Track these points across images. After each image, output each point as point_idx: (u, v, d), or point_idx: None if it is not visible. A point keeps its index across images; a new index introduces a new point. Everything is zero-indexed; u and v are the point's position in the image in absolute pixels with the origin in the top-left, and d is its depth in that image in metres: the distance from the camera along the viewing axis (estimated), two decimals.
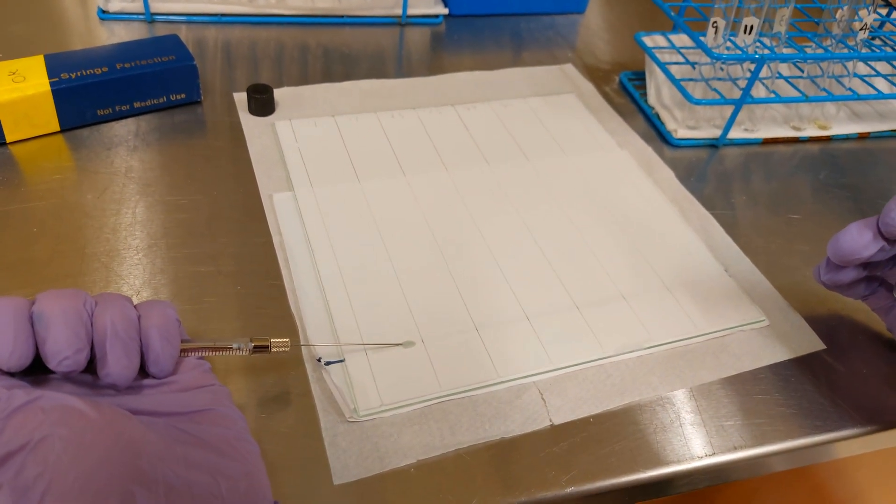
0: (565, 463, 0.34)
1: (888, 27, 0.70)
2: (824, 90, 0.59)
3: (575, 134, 0.57)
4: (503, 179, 0.51)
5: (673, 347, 0.40)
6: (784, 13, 0.55)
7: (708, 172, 0.55)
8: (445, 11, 0.71)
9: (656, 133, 0.59)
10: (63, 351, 0.27)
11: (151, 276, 0.41)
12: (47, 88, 0.47)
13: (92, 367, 0.29)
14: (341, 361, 0.37)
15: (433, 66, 0.63)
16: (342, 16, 0.67)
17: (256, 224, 0.45)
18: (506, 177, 0.51)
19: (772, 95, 0.58)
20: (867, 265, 0.38)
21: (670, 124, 0.58)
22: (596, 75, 0.65)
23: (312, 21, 0.67)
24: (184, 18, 0.64)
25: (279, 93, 0.56)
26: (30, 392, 0.25)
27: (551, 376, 0.38)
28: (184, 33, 0.63)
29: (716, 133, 0.58)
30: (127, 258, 0.42)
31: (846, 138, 0.61)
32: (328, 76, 0.60)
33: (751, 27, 0.54)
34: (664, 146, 0.57)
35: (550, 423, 0.36)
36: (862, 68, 0.64)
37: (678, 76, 0.58)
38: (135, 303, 0.31)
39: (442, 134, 0.55)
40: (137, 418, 0.27)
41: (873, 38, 0.64)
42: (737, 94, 0.57)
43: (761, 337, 0.42)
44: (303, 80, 0.59)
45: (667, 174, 0.54)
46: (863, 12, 0.56)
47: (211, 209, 0.46)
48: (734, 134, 0.58)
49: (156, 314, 0.30)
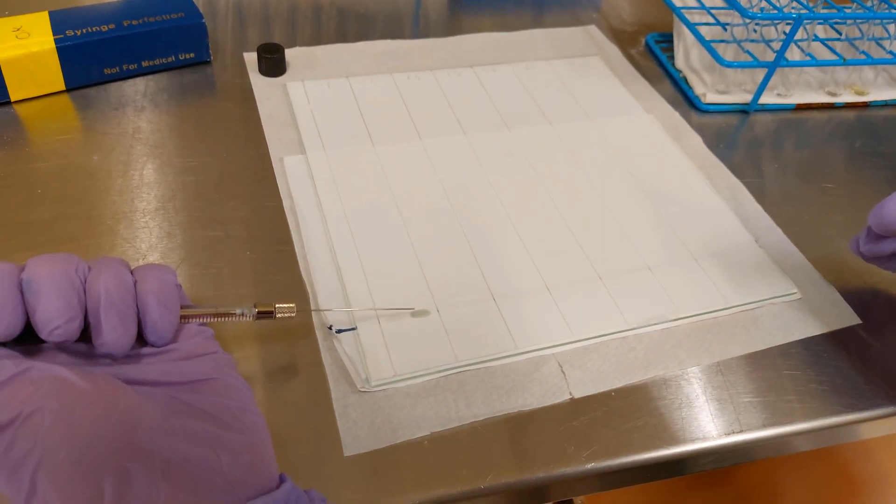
0: (585, 438, 0.33)
1: None
2: (863, 53, 0.56)
3: (599, 98, 0.54)
4: (524, 144, 0.49)
5: (700, 320, 0.39)
6: None
7: (738, 139, 0.53)
8: None
9: (684, 98, 0.56)
10: (54, 320, 0.25)
11: (158, 240, 0.40)
12: (52, 45, 0.46)
13: (87, 336, 0.27)
14: (353, 329, 0.36)
15: (451, 27, 0.61)
16: None
17: (267, 188, 0.44)
18: (526, 141, 0.49)
19: (807, 58, 0.55)
20: None
21: (699, 88, 0.56)
22: (621, 37, 0.62)
23: None
24: None
25: (291, 53, 0.54)
26: (19, 363, 0.24)
27: (572, 348, 0.36)
28: None
29: (746, 98, 0.55)
30: (133, 221, 0.40)
31: (885, 105, 0.58)
32: (342, 36, 0.58)
33: None
34: (692, 111, 0.55)
35: (570, 397, 0.34)
36: None
37: (708, 38, 0.55)
38: (133, 267, 0.29)
39: (460, 97, 0.52)
40: (134, 389, 0.25)
41: None
42: (770, 57, 0.54)
43: (793, 310, 0.40)
44: (316, 41, 0.57)
45: (694, 140, 0.51)
46: None
47: (220, 172, 0.44)
48: (766, 99, 0.56)
49: (153, 279, 0.28)
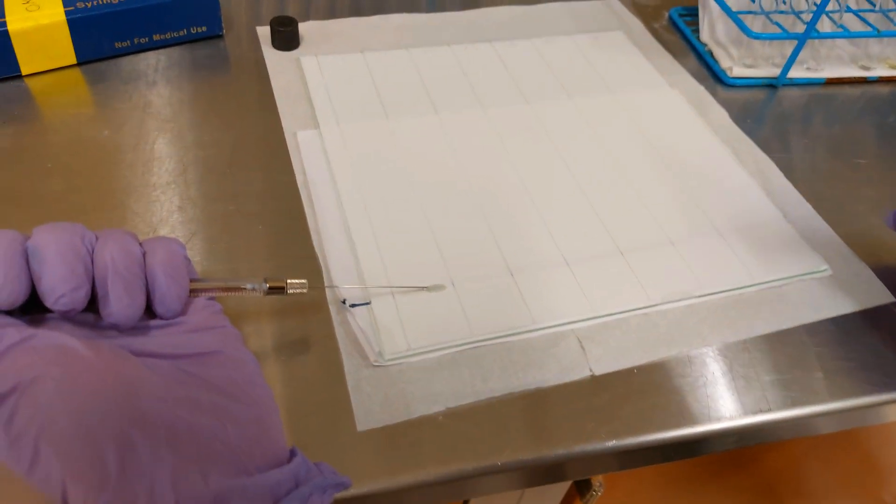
0: (606, 415, 0.32)
1: None
2: None
3: (622, 72, 0.53)
4: (544, 118, 0.48)
5: (726, 296, 0.37)
6: None
7: (765, 114, 0.51)
8: None
9: (709, 72, 0.54)
10: (59, 288, 0.25)
11: (169, 214, 0.39)
12: (62, 18, 0.45)
13: (95, 307, 0.27)
14: (367, 304, 0.35)
15: (468, 1, 0.59)
16: None
17: (280, 162, 0.43)
18: (547, 115, 0.48)
19: (839, 30, 0.53)
20: None
21: (725, 62, 0.54)
22: (644, 11, 0.61)
23: None
24: None
25: (305, 27, 0.53)
26: (22, 331, 0.24)
27: (592, 324, 0.35)
28: None
29: (774, 72, 0.54)
30: (144, 195, 0.40)
31: None
32: (357, 10, 0.56)
33: None
34: (717, 86, 0.53)
35: (591, 374, 0.33)
36: None
37: (735, 9, 0.53)
38: (142, 240, 0.29)
39: (478, 71, 0.51)
40: (140, 360, 0.25)
41: None
42: (800, 29, 0.52)
43: (823, 287, 0.38)
44: (330, 15, 0.56)
45: (720, 115, 0.50)
46: None
47: (232, 147, 0.44)
48: (795, 73, 0.54)
49: (161, 250, 0.28)
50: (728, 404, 0.33)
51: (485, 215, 0.40)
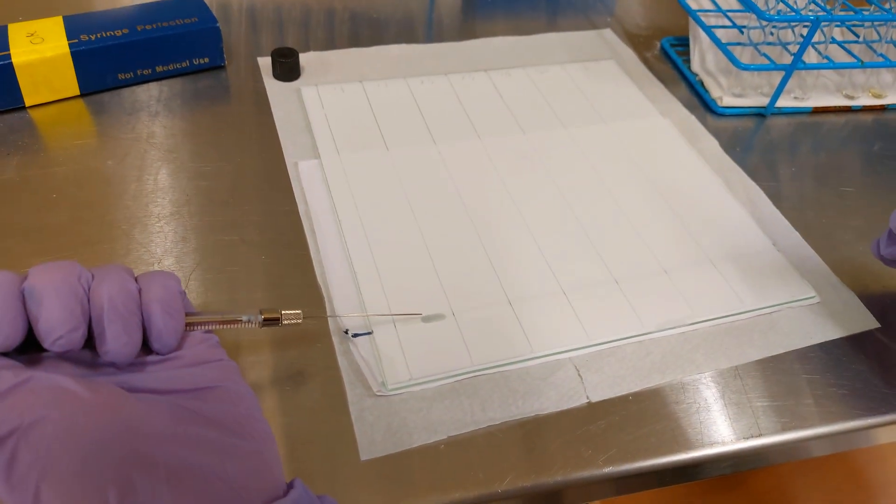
0: (602, 442, 0.32)
1: None
2: (881, 56, 0.55)
3: (614, 102, 0.54)
4: (539, 148, 0.49)
5: (718, 324, 0.38)
6: None
7: (754, 142, 0.52)
8: None
9: (699, 101, 0.56)
10: (57, 330, 0.25)
11: (173, 245, 0.40)
12: (66, 50, 0.46)
13: (92, 343, 0.27)
14: (369, 334, 0.35)
15: (464, 32, 0.61)
16: None
17: (281, 192, 0.44)
18: (542, 145, 0.49)
19: (825, 61, 0.54)
20: None
21: (715, 91, 0.55)
22: (636, 41, 0.62)
23: None
24: None
25: (305, 58, 0.54)
26: (19, 373, 0.24)
27: (588, 352, 0.36)
28: None
29: (763, 101, 0.55)
30: (148, 226, 0.41)
31: None
32: (355, 41, 0.58)
33: None
34: (708, 115, 0.55)
35: (587, 401, 0.34)
36: None
37: (724, 40, 0.55)
38: (137, 275, 0.29)
39: (474, 101, 0.52)
40: (138, 397, 0.25)
41: None
42: (787, 60, 0.53)
43: (812, 314, 0.40)
44: (329, 46, 0.57)
45: (711, 144, 0.51)
46: None
47: (235, 177, 0.44)
48: (783, 102, 0.55)
49: (157, 286, 0.28)
50: (721, 430, 0.34)
51: (483, 245, 0.41)
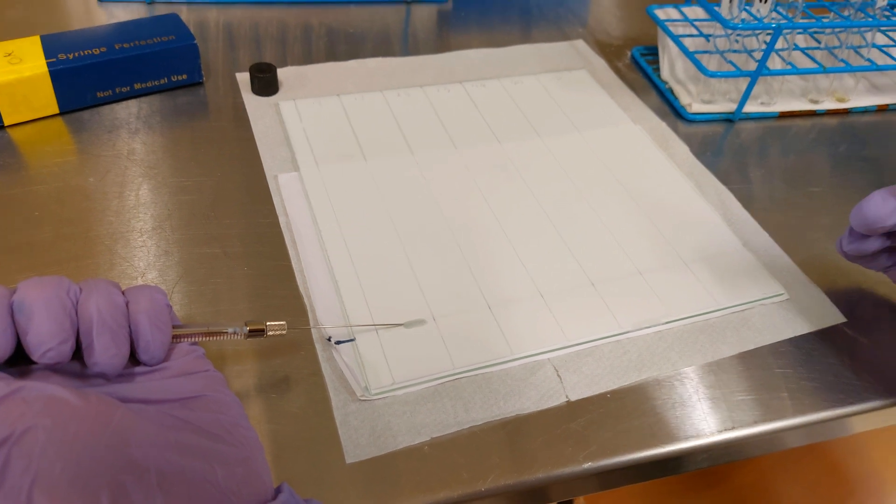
0: (582, 439, 0.33)
1: None
2: (842, 61, 0.57)
3: (587, 110, 0.55)
4: (514, 156, 0.50)
5: (691, 322, 0.39)
6: None
7: (724, 147, 0.54)
8: None
9: (670, 108, 0.57)
10: (46, 343, 0.25)
11: (156, 258, 0.40)
12: (45, 70, 0.46)
13: (80, 355, 0.27)
14: (352, 341, 0.36)
15: (440, 45, 0.62)
16: None
17: (262, 205, 0.44)
18: (517, 154, 0.50)
19: (788, 67, 0.56)
20: (890, 234, 0.37)
21: (684, 99, 0.57)
22: (607, 51, 0.64)
23: (315, 1, 0.66)
24: (184, 0, 0.63)
25: (283, 73, 0.55)
26: (10, 383, 0.24)
27: (567, 353, 0.37)
28: (184, 15, 0.62)
29: (731, 107, 0.57)
30: (131, 240, 0.41)
31: (865, 111, 0.60)
32: (332, 56, 0.59)
33: None
34: (678, 121, 0.56)
35: (567, 400, 0.35)
36: (881, 39, 0.63)
37: (692, 49, 0.57)
38: (125, 288, 0.29)
39: (450, 112, 0.53)
40: (128, 406, 0.26)
41: (893, 8, 0.62)
42: (752, 67, 0.55)
43: (782, 311, 0.41)
44: (307, 60, 0.58)
45: (682, 149, 0.53)
46: None
47: (215, 191, 0.45)
48: (750, 108, 0.57)
49: (144, 300, 0.29)
50: (697, 424, 0.35)
51: (462, 252, 0.42)
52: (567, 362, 0.36)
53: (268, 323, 0.32)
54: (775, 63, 0.58)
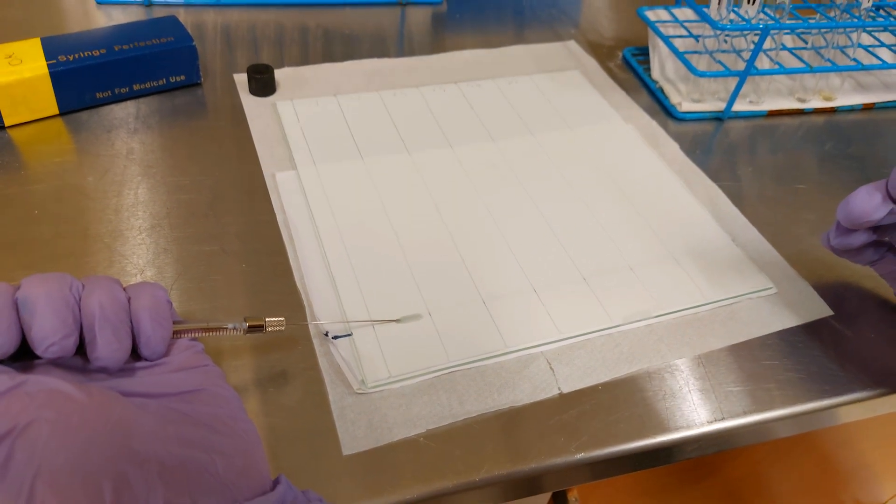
0: (574, 430, 0.34)
1: None
2: (829, 61, 0.58)
3: (579, 109, 0.56)
4: (508, 155, 0.51)
5: (681, 316, 0.40)
6: None
7: (713, 145, 0.55)
8: None
9: (661, 107, 0.58)
10: (49, 337, 0.26)
11: (155, 256, 0.41)
12: (45, 71, 0.47)
13: (82, 350, 0.28)
14: (349, 335, 0.37)
15: (435, 46, 0.63)
16: None
17: (260, 203, 0.45)
18: (511, 152, 0.51)
19: (776, 67, 0.57)
20: (876, 229, 0.38)
21: (674, 98, 0.58)
22: (599, 51, 0.65)
23: (312, 3, 0.67)
24: (182, 2, 0.64)
25: (280, 74, 0.56)
26: (14, 377, 0.25)
27: (559, 346, 0.38)
28: (182, 17, 0.62)
29: (720, 106, 0.58)
30: (130, 238, 0.42)
31: (851, 109, 0.61)
32: (329, 57, 0.59)
33: None
34: (669, 120, 0.57)
35: (559, 392, 0.36)
36: (866, 39, 0.64)
37: (682, 49, 0.57)
38: (126, 285, 0.30)
39: (445, 111, 0.54)
40: (129, 400, 0.26)
41: (878, 9, 0.63)
42: (741, 67, 0.56)
43: (769, 304, 0.42)
44: (304, 61, 0.58)
45: (672, 147, 0.53)
46: None
47: (213, 190, 0.46)
48: (739, 106, 0.58)
49: (146, 296, 0.29)
50: (687, 415, 0.36)
51: (457, 248, 0.43)
52: (560, 355, 0.37)
53: (267, 319, 0.33)
54: (763, 63, 0.59)
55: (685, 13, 0.63)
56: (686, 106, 0.57)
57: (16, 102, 0.47)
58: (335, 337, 0.37)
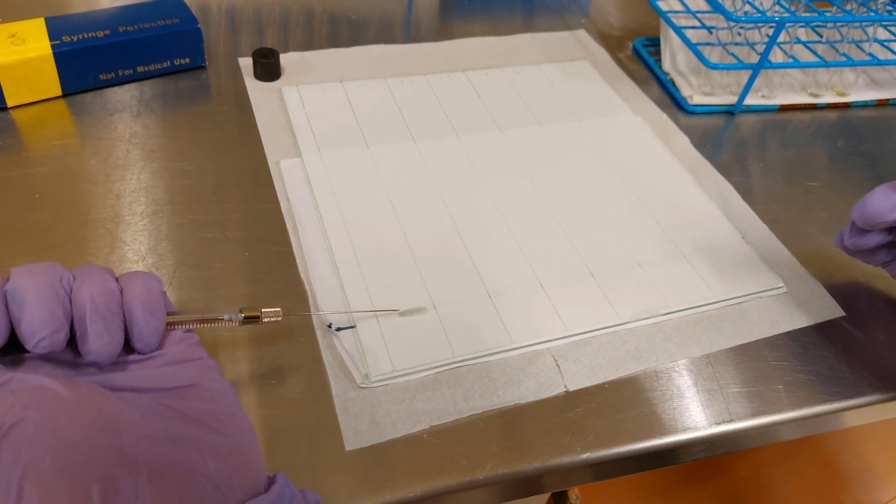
0: (580, 429, 0.34)
1: None
2: (843, 55, 0.57)
3: (588, 101, 0.55)
4: (516, 146, 0.50)
5: (689, 314, 0.40)
6: None
7: (724, 139, 0.54)
8: None
9: (671, 100, 0.57)
10: (39, 332, 0.25)
11: (157, 243, 0.40)
12: (49, 51, 0.46)
13: (74, 343, 0.27)
14: (352, 328, 0.36)
15: (442, 33, 0.62)
16: None
17: (263, 190, 0.44)
18: (518, 143, 0.50)
19: (790, 60, 0.56)
20: (891, 230, 0.37)
21: (685, 90, 0.57)
22: (609, 41, 0.64)
23: None
24: None
25: (285, 58, 0.55)
26: (0, 375, 0.24)
27: (565, 343, 0.37)
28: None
29: (732, 99, 0.57)
30: (132, 224, 0.41)
31: (865, 105, 0.60)
32: (335, 42, 0.58)
33: None
34: (679, 113, 0.56)
35: (565, 389, 0.35)
36: (882, 34, 0.63)
37: (694, 41, 0.56)
38: (119, 275, 0.29)
39: (453, 100, 0.53)
40: (119, 395, 0.25)
41: (894, 3, 0.62)
42: (754, 59, 0.55)
43: (779, 304, 0.41)
44: (309, 46, 0.57)
45: (682, 141, 0.53)
46: None
47: (217, 175, 0.45)
48: (750, 100, 0.57)
49: (138, 286, 0.28)
50: (694, 416, 0.35)
51: (463, 240, 0.42)
52: (566, 352, 0.37)
53: (263, 310, 0.32)
54: (777, 56, 0.58)
55: (698, 4, 0.62)
56: (697, 99, 0.56)
57: (18, 83, 0.46)
58: (338, 329, 0.36)
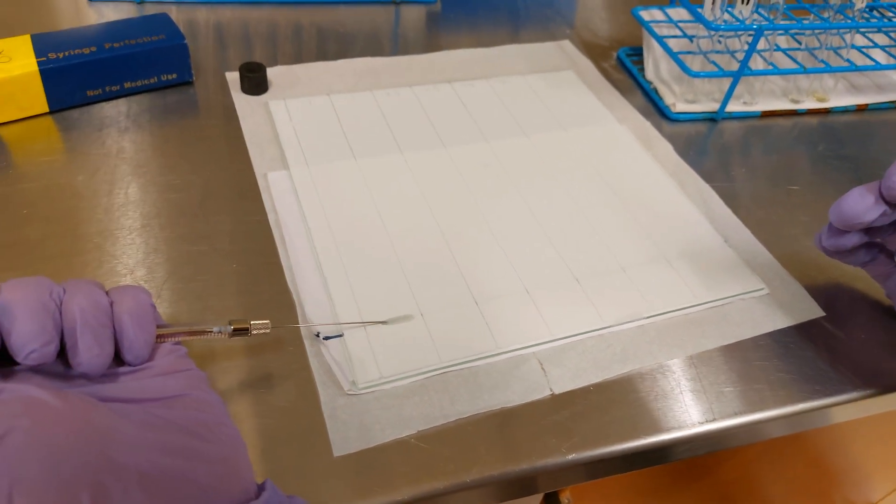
0: (566, 431, 0.34)
1: None
2: (822, 62, 0.58)
3: (573, 110, 0.56)
4: (501, 156, 0.50)
5: (673, 317, 0.40)
6: None
7: (707, 146, 0.55)
8: None
9: (655, 108, 0.58)
10: (29, 344, 0.26)
11: (145, 256, 0.40)
12: (35, 68, 0.47)
13: (64, 355, 0.27)
14: (340, 336, 0.37)
15: (429, 45, 0.62)
16: None
17: (251, 203, 0.45)
18: (504, 153, 0.51)
19: (769, 67, 0.57)
20: (868, 230, 0.38)
21: (668, 98, 0.58)
22: (594, 52, 0.65)
23: (305, 1, 0.66)
24: (174, 0, 0.63)
25: (272, 72, 0.56)
26: None
27: (551, 347, 0.38)
28: (174, 15, 0.62)
29: (714, 107, 0.58)
30: (120, 238, 0.41)
31: (844, 110, 0.61)
32: (322, 55, 0.59)
33: None
34: (663, 121, 0.57)
35: (551, 393, 0.35)
36: (860, 40, 0.64)
37: (676, 50, 0.57)
38: (109, 288, 0.30)
39: (439, 111, 0.54)
40: (109, 406, 0.26)
41: (871, 10, 0.63)
42: (735, 67, 0.56)
43: (761, 305, 0.42)
44: (297, 60, 0.58)
45: (665, 148, 0.53)
46: None
47: (204, 189, 0.45)
48: (733, 107, 0.58)
49: (128, 299, 0.29)
50: (679, 415, 0.35)
51: (450, 248, 0.43)
52: (551, 356, 0.37)
53: (252, 322, 0.33)
54: (757, 63, 0.59)
55: (680, 13, 0.63)
56: (680, 107, 0.57)
57: (5, 100, 0.47)
58: (326, 338, 0.37)
